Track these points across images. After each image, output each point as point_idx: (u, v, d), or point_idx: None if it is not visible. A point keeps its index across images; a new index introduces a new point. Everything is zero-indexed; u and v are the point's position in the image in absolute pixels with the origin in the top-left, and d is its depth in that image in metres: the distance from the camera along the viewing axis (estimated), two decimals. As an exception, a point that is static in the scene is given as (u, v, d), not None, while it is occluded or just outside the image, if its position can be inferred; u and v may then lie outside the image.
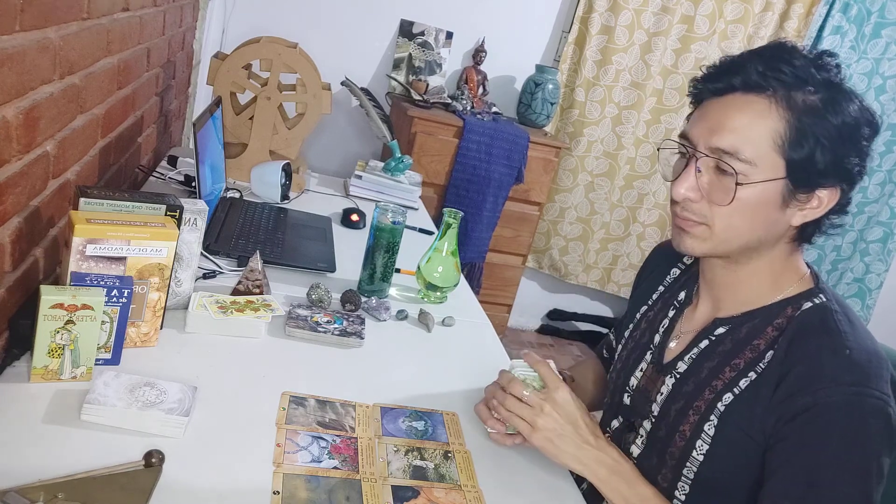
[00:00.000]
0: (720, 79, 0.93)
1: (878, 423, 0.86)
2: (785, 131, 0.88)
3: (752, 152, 0.89)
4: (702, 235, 0.96)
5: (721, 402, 0.95)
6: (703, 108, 0.96)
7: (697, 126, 0.95)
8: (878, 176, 3.39)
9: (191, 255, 1.16)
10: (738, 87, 0.92)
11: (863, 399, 0.86)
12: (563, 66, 3.11)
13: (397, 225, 1.44)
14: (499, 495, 0.95)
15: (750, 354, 0.96)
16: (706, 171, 0.93)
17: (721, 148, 0.91)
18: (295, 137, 1.98)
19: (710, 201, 0.93)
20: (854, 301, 3.59)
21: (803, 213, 0.93)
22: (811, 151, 0.88)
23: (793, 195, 0.91)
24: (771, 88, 0.89)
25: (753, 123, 0.89)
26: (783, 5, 3.10)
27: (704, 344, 1.01)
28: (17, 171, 0.92)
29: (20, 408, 0.87)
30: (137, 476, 0.80)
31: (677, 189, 0.94)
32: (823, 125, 0.88)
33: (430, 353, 1.31)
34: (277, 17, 2.85)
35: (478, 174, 2.78)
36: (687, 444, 0.97)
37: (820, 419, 0.86)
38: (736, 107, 0.91)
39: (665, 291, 1.17)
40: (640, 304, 1.20)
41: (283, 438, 0.94)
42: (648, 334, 1.13)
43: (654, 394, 1.05)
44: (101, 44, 1.21)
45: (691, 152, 0.95)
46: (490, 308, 2.76)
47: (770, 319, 0.97)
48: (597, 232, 3.34)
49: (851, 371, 0.87)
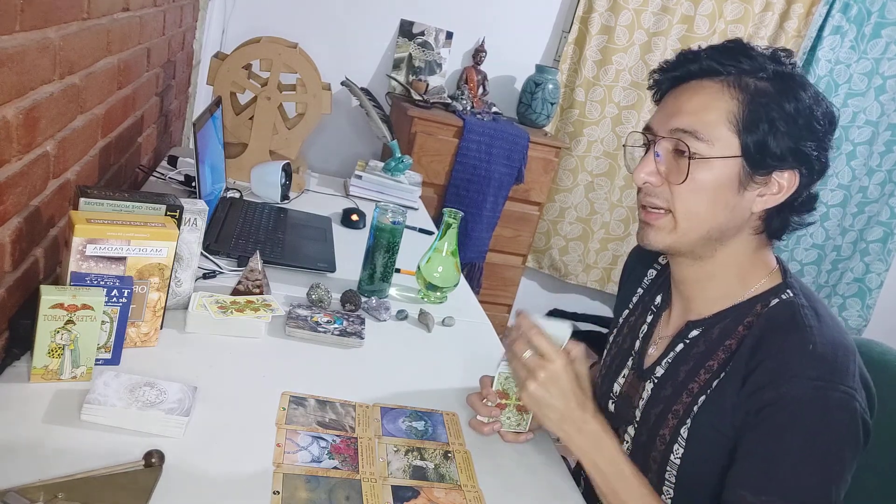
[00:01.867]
0: (677, 67, 0.98)
1: (842, 416, 0.86)
2: (738, 111, 0.92)
3: (708, 132, 0.92)
4: (665, 227, 0.97)
5: (696, 405, 0.95)
6: (662, 101, 1.00)
7: (657, 115, 0.99)
8: (878, 176, 3.38)
9: (191, 255, 1.16)
10: (694, 73, 0.96)
11: (827, 393, 0.86)
12: (563, 66, 3.11)
13: (397, 225, 1.44)
14: (499, 495, 0.95)
15: (722, 355, 0.96)
16: (665, 155, 0.96)
17: (678, 128, 0.94)
18: (295, 137, 1.98)
19: (669, 182, 0.95)
20: (854, 301, 3.59)
21: (763, 199, 0.94)
22: (765, 132, 0.91)
23: (750, 177, 0.93)
24: (724, 73, 0.93)
25: (708, 104, 0.93)
26: (783, 5, 3.10)
27: (680, 347, 1.02)
28: (17, 171, 0.92)
29: (20, 408, 0.87)
30: (137, 476, 0.80)
31: (638, 173, 0.97)
32: (776, 107, 0.91)
33: (430, 353, 1.31)
34: (277, 17, 2.84)
35: (478, 174, 2.78)
36: (666, 449, 0.97)
37: (784, 412, 0.87)
38: (691, 91, 0.95)
39: (644, 294, 1.17)
40: (622, 309, 1.21)
41: (283, 438, 0.94)
42: (630, 340, 1.13)
43: (636, 399, 1.05)
44: (101, 44, 1.21)
45: (651, 139, 0.97)
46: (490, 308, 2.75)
47: (740, 319, 0.97)
48: (597, 232, 3.34)
49: (816, 365, 0.87)
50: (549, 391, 0.98)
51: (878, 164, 3.37)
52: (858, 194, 3.41)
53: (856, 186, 3.38)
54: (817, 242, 3.50)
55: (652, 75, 1.02)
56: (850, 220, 3.45)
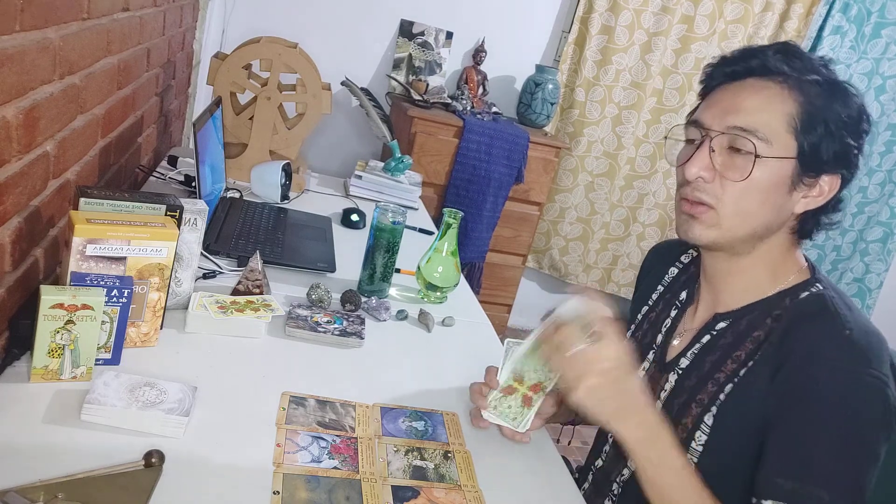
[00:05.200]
0: (738, 62, 0.98)
1: (875, 403, 0.87)
2: (798, 114, 0.92)
3: (768, 131, 0.93)
4: (710, 221, 0.97)
5: (722, 393, 0.96)
6: (713, 95, 0.99)
7: (710, 110, 0.98)
8: (878, 176, 3.38)
9: (191, 255, 1.16)
10: (754, 70, 0.96)
11: (861, 379, 0.87)
12: (563, 66, 3.11)
13: (397, 225, 1.44)
14: (499, 495, 0.95)
15: (750, 345, 0.97)
16: (720, 151, 0.96)
17: (738, 125, 0.94)
18: (295, 137, 1.98)
19: (723, 178, 0.95)
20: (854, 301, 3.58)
21: (806, 201, 0.96)
22: (820, 136, 0.92)
23: (800, 179, 0.94)
24: (783, 74, 0.94)
25: (769, 104, 0.94)
26: (783, 5, 3.10)
27: (706, 339, 1.02)
28: (17, 171, 0.92)
29: (20, 408, 0.87)
30: (137, 476, 0.80)
31: (690, 168, 0.96)
32: (832, 112, 0.92)
33: (430, 353, 1.31)
34: (277, 17, 2.85)
35: (478, 174, 2.78)
36: (688, 437, 0.98)
37: (817, 397, 0.87)
38: (752, 89, 0.95)
39: (665, 291, 1.17)
40: (640, 306, 1.21)
41: (283, 438, 0.94)
42: (651, 335, 1.13)
43: (657, 392, 1.05)
44: (101, 44, 1.21)
45: (705, 133, 0.97)
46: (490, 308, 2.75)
47: (769, 311, 0.98)
48: (597, 232, 3.34)
49: (850, 351, 0.88)
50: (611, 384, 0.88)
51: (878, 164, 3.37)
52: (858, 194, 3.41)
53: (855, 186, 3.39)
54: (817, 242, 3.50)
55: (706, 68, 1.02)
56: (849, 220, 3.46)
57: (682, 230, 1.00)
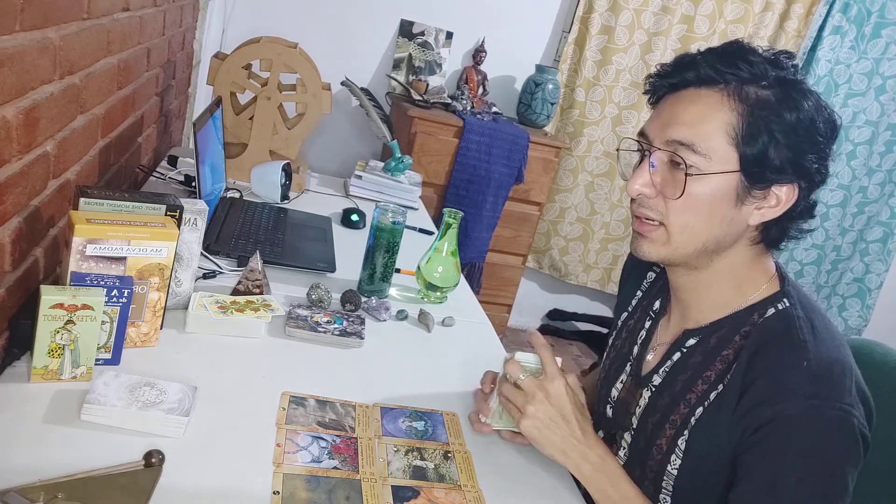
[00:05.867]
0: (674, 74, 0.94)
1: (840, 433, 0.85)
2: (738, 124, 0.88)
3: (706, 144, 0.89)
4: (659, 239, 0.95)
5: (693, 416, 0.94)
6: (658, 106, 0.96)
7: (653, 122, 0.95)
8: (878, 176, 3.38)
9: (191, 255, 1.16)
10: (691, 81, 0.91)
11: (822, 411, 0.84)
12: (563, 66, 3.11)
13: (397, 225, 1.44)
14: (499, 495, 0.95)
15: (720, 366, 0.95)
16: (660, 166, 0.93)
17: (676, 140, 0.90)
18: (295, 137, 1.98)
19: (663, 196, 0.92)
20: (854, 301, 3.59)
21: (761, 212, 0.92)
22: (765, 145, 0.87)
23: (748, 191, 0.90)
24: (724, 82, 0.89)
25: (706, 115, 0.89)
26: (783, 5, 3.10)
27: (677, 356, 1.00)
28: (17, 171, 0.92)
29: (20, 408, 0.87)
30: (137, 476, 0.80)
31: (632, 185, 0.94)
32: (777, 119, 0.87)
33: (430, 353, 1.31)
34: (277, 17, 2.84)
35: (478, 174, 2.78)
36: (663, 458, 0.97)
37: (780, 431, 0.85)
38: (689, 100, 0.91)
39: (643, 298, 1.16)
40: (621, 311, 1.20)
41: (283, 438, 0.94)
42: (628, 345, 1.12)
43: (633, 406, 1.04)
44: (101, 44, 1.21)
45: (646, 147, 0.94)
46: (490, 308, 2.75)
47: (737, 328, 0.95)
48: (597, 232, 3.34)
49: (810, 383, 0.85)
50: (548, 410, 0.96)
51: (878, 164, 3.37)
52: (858, 194, 3.41)
53: (856, 186, 3.39)
54: (817, 242, 3.50)
55: (648, 80, 0.98)
56: (849, 220, 3.46)
57: (633, 248, 0.99)
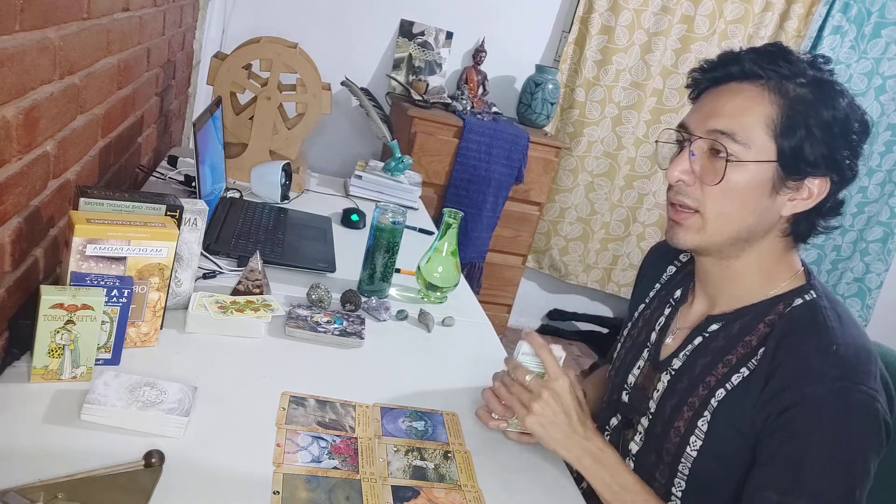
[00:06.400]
0: (717, 69, 0.98)
1: (864, 417, 0.87)
2: (777, 117, 0.92)
3: (746, 135, 0.93)
4: (694, 226, 0.98)
5: (714, 398, 0.96)
6: (700, 100, 1.01)
7: (694, 114, 0.99)
8: (878, 176, 3.38)
9: (191, 255, 1.16)
10: (734, 75, 0.96)
11: (848, 394, 0.87)
12: (563, 66, 3.11)
13: (397, 225, 1.44)
14: (499, 495, 0.95)
15: (742, 351, 0.97)
16: (700, 155, 0.96)
17: (717, 129, 0.94)
18: (295, 137, 1.98)
19: (702, 183, 0.96)
20: (854, 301, 3.58)
21: (793, 203, 0.95)
22: (802, 139, 0.91)
23: (783, 182, 0.94)
24: (765, 77, 0.94)
25: (747, 107, 0.94)
26: (783, 5, 3.10)
27: (698, 340, 1.03)
28: (17, 171, 0.92)
29: (20, 408, 0.87)
30: (137, 476, 0.80)
31: (671, 172, 0.97)
32: (814, 115, 0.91)
33: (430, 353, 1.31)
34: (277, 17, 2.84)
35: (478, 174, 2.78)
36: (681, 441, 0.98)
37: (806, 414, 0.87)
38: (731, 93, 0.96)
39: (661, 289, 1.18)
40: (637, 304, 1.22)
41: (283, 438, 0.94)
42: (645, 333, 1.14)
43: (650, 391, 1.06)
44: (101, 44, 1.21)
45: (686, 137, 0.98)
46: (490, 308, 2.75)
47: (762, 316, 0.98)
48: (597, 232, 3.34)
49: (837, 366, 0.88)
50: (553, 407, 0.98)
51: (878, 164, 3.37)
52: (858, 194, 3.41)
53: (855, 186, 3.38)
54: (817, 242, 3.50)
55: (691, 74, 1.02)
56: (849, 220, 3.45)
57: (668, 236, 1.02)
